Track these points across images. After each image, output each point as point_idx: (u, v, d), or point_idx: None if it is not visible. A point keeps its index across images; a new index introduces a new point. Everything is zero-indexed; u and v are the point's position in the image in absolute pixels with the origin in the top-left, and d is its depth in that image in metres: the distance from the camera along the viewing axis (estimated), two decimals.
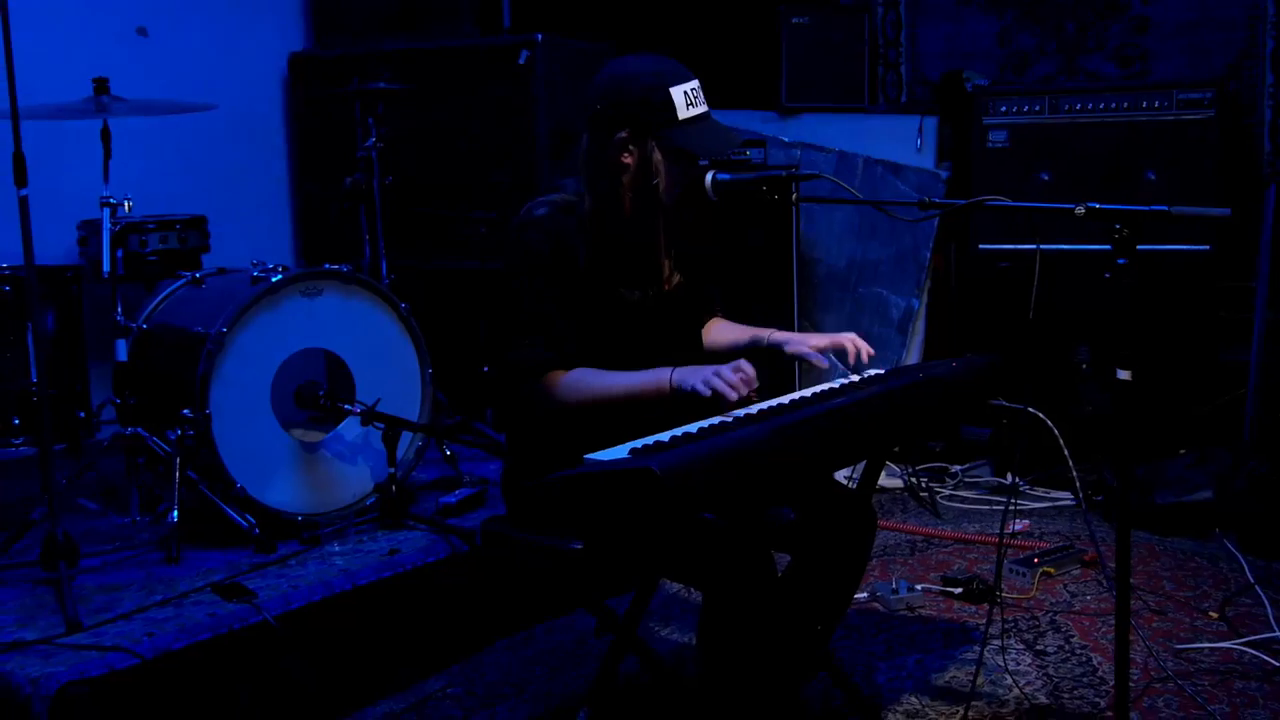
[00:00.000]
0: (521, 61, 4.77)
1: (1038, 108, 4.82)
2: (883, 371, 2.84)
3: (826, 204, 5.08)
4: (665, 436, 2.28)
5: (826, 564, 2.74)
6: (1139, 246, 2.10)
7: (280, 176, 5.37)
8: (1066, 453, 2.88)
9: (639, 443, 2.26)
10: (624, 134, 2.56)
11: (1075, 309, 4.90)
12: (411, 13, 5.07)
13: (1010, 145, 4.88)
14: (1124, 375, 2.20)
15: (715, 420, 2.39)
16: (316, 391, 3.61)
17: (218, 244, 4.41)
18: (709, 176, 2.63)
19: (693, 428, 2.34)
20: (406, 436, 3.76)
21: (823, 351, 2.77)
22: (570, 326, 2.56)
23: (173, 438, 3.47)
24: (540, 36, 4.79)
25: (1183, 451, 4.70)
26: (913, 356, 5.24)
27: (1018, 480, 4.93)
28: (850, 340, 2.75)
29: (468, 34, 5.02)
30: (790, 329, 5.02)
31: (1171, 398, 4.86)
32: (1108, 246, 4.65)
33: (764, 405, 2.47)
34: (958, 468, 5.13)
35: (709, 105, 2.68)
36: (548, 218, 2.58)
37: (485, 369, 4.59)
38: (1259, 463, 4.24)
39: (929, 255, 5.14)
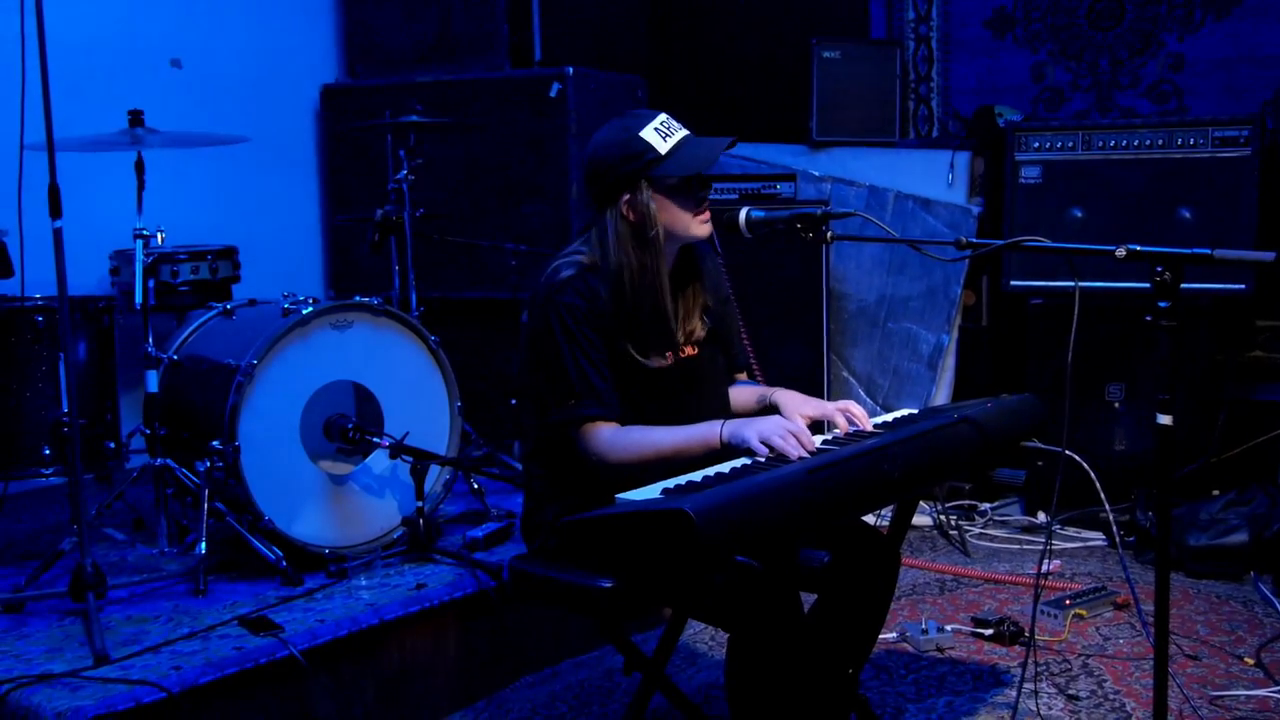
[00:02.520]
0: (553, 94, 4.78)
1: (1071, 144, 4.79)
2: (915, 411, 2.81)
3: (859, 241, 5.05)
4: (698, 476, 2.27)
5: (853, 605, 2.71)
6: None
7: (311, 207, 5.40)
8: (1103, 495, 2.84)
9: (671, 482, 2.25)
10: (627, 196, 2.59)
11: (1108, 347, 4.86)
12: (444, 45, 5.10)
13: (1043, 181, 4.84)
14: (1164, 420, 2.17)
15: (748, 460, 2.37)
16: (345, 424, 3.60)
17: (248, 274, 4.43)
18: (743, 213, 2.64)
19: (725, 468, 2.33)
20: (434, 469, 3.74)
21: (813, 421, 2.70)
22: (613, 384, 2.56)
23: (201, 469, 3.47)
24: (571, 70, 4.81)
25: (1216, 493, 4.64)
26: (942, 392, 5.20)
27: (1049, 520, 4.88)
28: (840, 413, 2.66)
29: (499, 66, 5.03)
30: (820, 363, 5.04)
31: (1204, 438, 4.81)
32: (1143, 284, 4.61)
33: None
34: (987, 506, 5.08)
35: (739, 137, 2.70)
36: (578, 279, 2.60)
37: (513, 401, 4.58)
38: None
39: (959, 291, 5.11)
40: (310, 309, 3.52)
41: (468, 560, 3.55)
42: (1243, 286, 4.54)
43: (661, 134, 2.58)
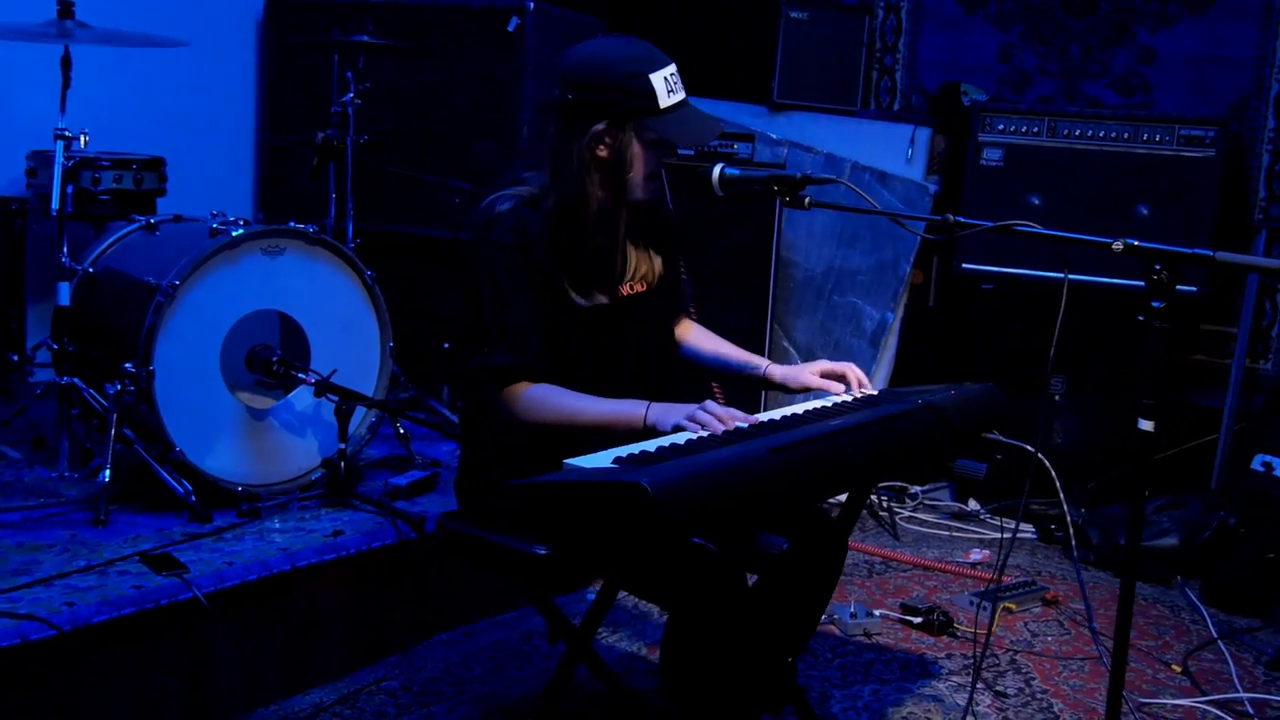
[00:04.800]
0: (511, 28, 4.57)
1: (1036, 129, 4.70)
2: (875, 392, 2.68)
3: (824, 209, 4.92)
4: (651, 446, 2.12)
5: (797, 591, 2.60)
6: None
7: (246, 124, 5.13)
8: (1063, 495, 2.75)
9: (622, 450, 2.10)
10: (601, 126, 2.39)
11: (1051, 337, 4.78)
12: None
13: (1004, 165, 4.75)
14: (1146, 426, 2.06)
15: (704, 433, 2.23)
16: (270, 357, 3.40)
17: (174, 189, 4.18)
18: (716, 170, 2.48)
19: (680, 439, 2.19)
20: (360, 411, 3.56)
21: (824, 374, 2.61)
22: (539, 335, 2.40)
23: (111, 392, 3.24)
24: (532, 4, 4.59)
25: (1146, 493, 4.61)
26: (883, 371, 5.11)
27: (979, 509, 4.83)
28: (852, 370, 2.61)
29: None
30: (762, 330, 4.92)
31: (1141, 438, 4.76)
32: (1091, 278, 4.56)
33: (755, 420, 2.32)
34: (918, 489, 5.01)
35: (694, 93, 2.53)
36: (512, 213, 2.41)
37: (445, 345, 4.39)
38: (1229, 513, 4.15)
39: (908, 269, 5.01)
40: (241, 231, 3.30)
41: (389, 509, 3.38)
42: (1194, 289, 4.49)
43: (668, 86, 2.39)
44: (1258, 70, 4.81)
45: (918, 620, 3.69)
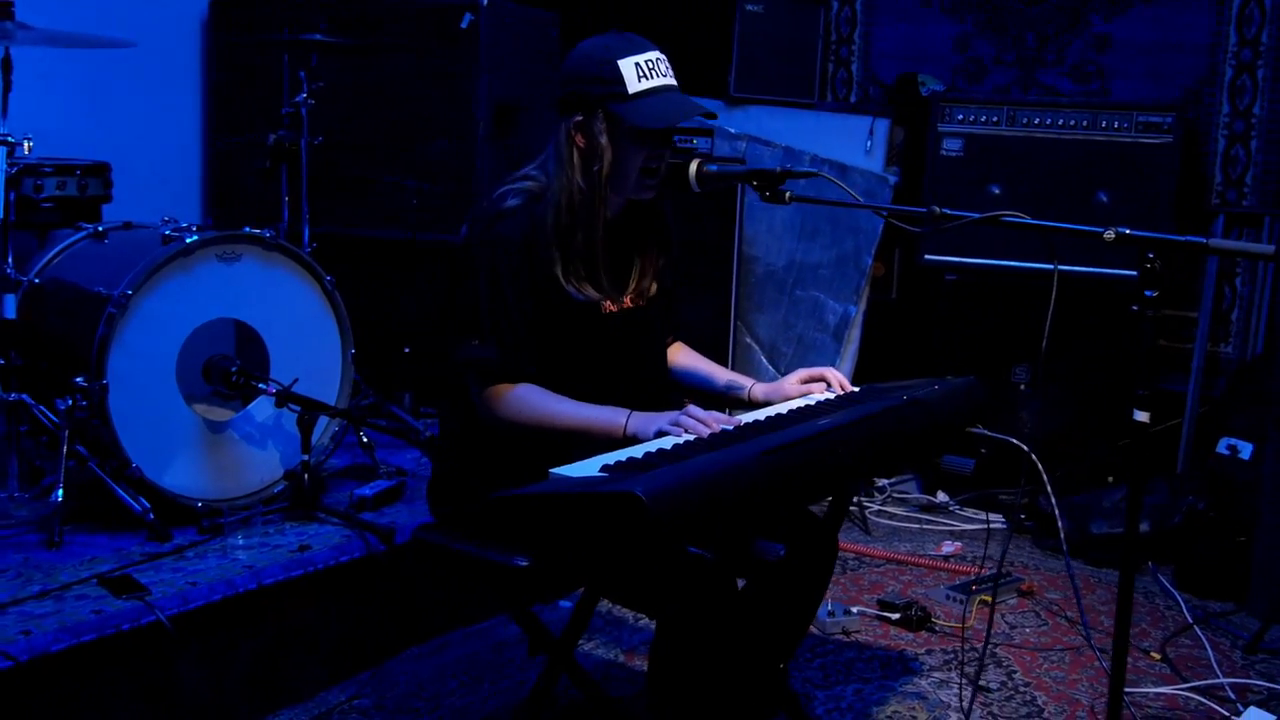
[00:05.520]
0: (464, 25, 4.47)
1: (995, 118, 4.67)
2: (857, 389, 2.63)
3: (791, 204, 4.88)
4: (638, 453, 2.06)
5: (788, 595, 2.54)
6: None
7: (191, 126, 4.98)
8: (1050, 489, 2.71)
9: (609, 458, 2.03)
10: (579, 117, 2.37)
11: (1014, 328, 4.77)
12: None
13: (964, 154, 4.72)
14: (1141, 417, 2.02)
15: (690, 437, 2.16)
16: (229, 367, 3.28)
17: (120, 195, 4.04)
18: (694, 165, 2.42)
19: (666, 444, 2.12)
20: (322, 420, 3.46)
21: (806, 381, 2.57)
22: (531, 335, 2.33)
23: (62, 407, 3.12)
24: (485, 0, 4.50)
25: (1110, 479, 4.62)
26: (847, 364, 5.07)
27: (948, 501, 4.80)
28: (831, 373, 2.58)
29: None
30: (725, 327, 4.86)
31: (1104, 425, 4.77)
32: (1050, 265, 4.56)
33: (740, 422, 2.26)
34: (885, 482, 4.98)
35: None
36: (521, 209, 2.36)
37: (406, 349, 4.30)
38: (1197, 498, 4.15)
39: (870, 262, 4.97)
40: (195, 237, 3.19)
41: (356, 521, 3.28)
42: None
43: (640, 71, 2.34)
44: (1212, 56, 4.82)
45: (895, 616, 3.65)
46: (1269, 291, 4.70)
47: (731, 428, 2.20)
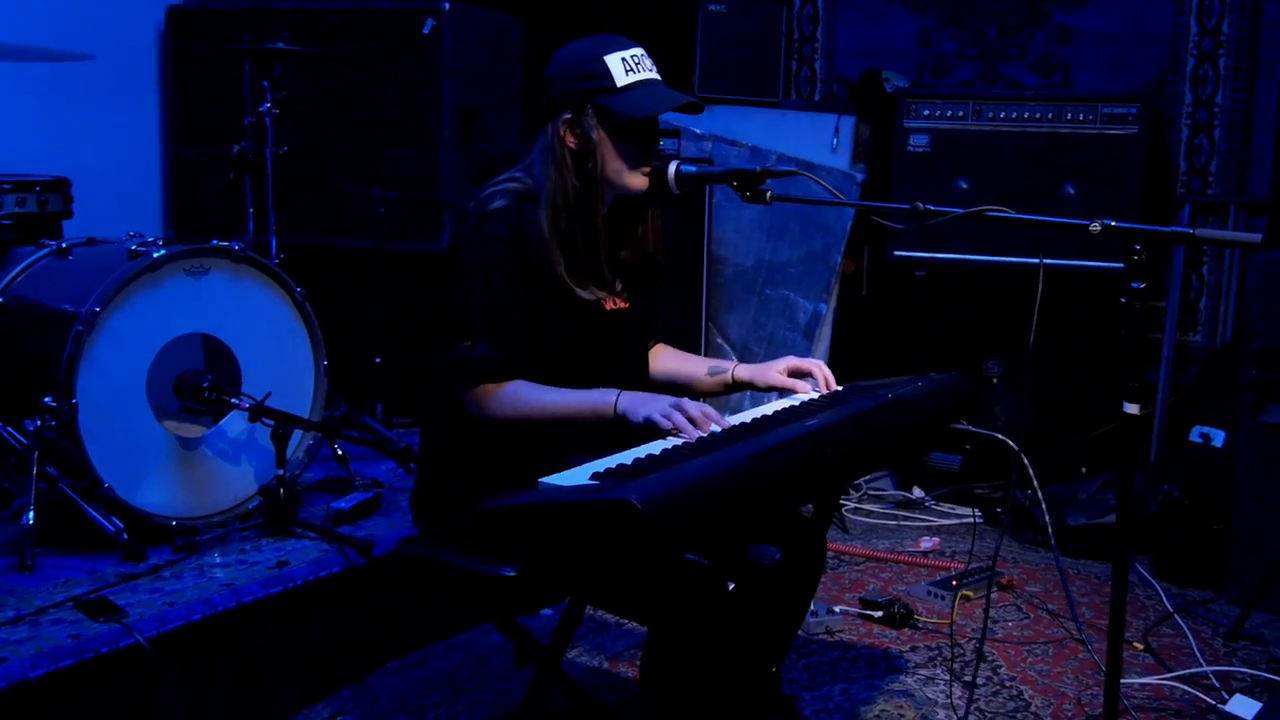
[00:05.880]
0: (426, 31, 4.43)
1: (961, 113, 4.69)
2: (840, 388, 2.61)
3: (772, 204, 4.88)
4: (627, 459, 2.03)
5: (778, 597, 2.53)
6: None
7: (151, 139, 4.92)
8: (1036, 484, 2.71)
9: (599, 465, 2.00)
10: (568, 115, 2.37)
11: (985, 322, 4.79)
12: None
13: (931, 150, 4.73)
14: (1131, 409, 2.02)
15: (676, 441, 2.14)
16: (201, 382, 3.23)
17: (81, 210, 3.98)
18: (672, 167, 2.40)
19: (654, 448, 2.10)
20: (297, 434, 3.41)
21: (794, 376, 2.56)
22: (522, 335, 2.31)
23: (30, 428, 3.05)
24: (447, 5, 4.46)
25: (1084, 470, 4.63)
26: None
27: (924, 496, 4.81)
28: (818, 367, 2.56)
29: None
30: (697, 329, 4.85)
31: (1076, 416, 4.79)
32: (1025, 259, 4.56)
33: (727, 424, 2.23)
34: (860, 479, 4.98)
35: None
36: (509, 209, 2.34)
37: (378, 360, 4.25)
38: (1172, 487, 4.16)
39: (839, 259, 4.97)
40: (163, 252, 3.13)
41: (334, 535, 3.24)
42: (1121, 265, 4.50)
43: (626, 66, 2.35)
44: (1173, 46, 4.85)
45: (878, 614, 3.64)
46: (1236, 280, 4.74)
47: (720, 429, 2.18)
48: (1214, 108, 4.79)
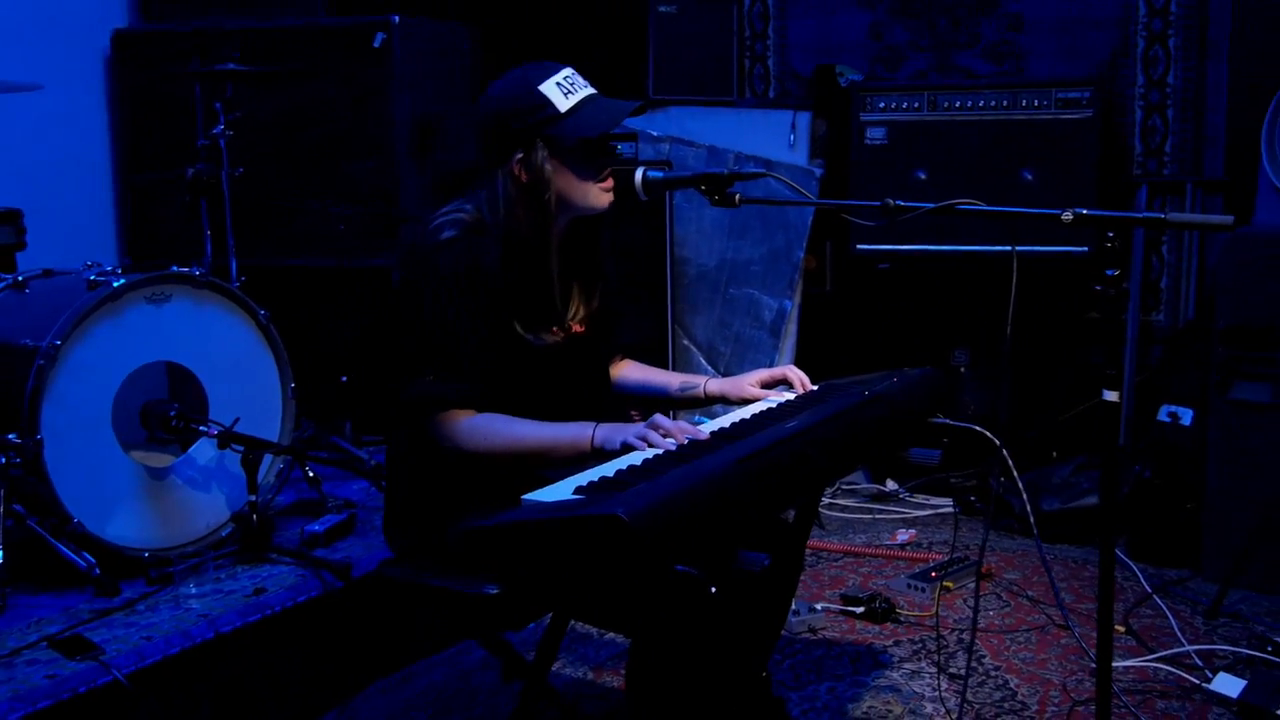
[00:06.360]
0: (377, 44, 4.39)
1: (916, 104, 4.69)
2: (815, 387, 2.61)
3: (735, 205, 4.87)
4: (609, 471, 2.01)
5: (761, 601, 2.52)
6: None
7: (102, 166, 4.84)
8: (1016, 475, 2.71)
9: (581, 479, 1.98)
10: (519, 155, 2.32)
11: (952, 311, 4.80)
12: None
13: (888, 142, 4.73)
14: (1111, 396, 2.02)
15: (658, 450, 2.12)
16: (168, 411, 3.19)
17: (33, 241, 3.91)
18: (639, 174, 2.38)
19: (636, 459, 2.08)
20: (267, 458, 3.37)
21: (770, 387, 2.55)
22: (483, 362, 2.28)
23: None
24: (397, 18, 4.42)
25: (1055, 454, 4.65)
26: (786, 359, 5.05)
27: (898, 489, 4.81)
28: (793, 372, 2.56)
29: (314, 11, 4.62)
30: (663, 332, 4.83)
31: (1045, 401, 4.81)
32: (988, 247, 4.57)
33: (707, 431, 2.22)
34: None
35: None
36: (459, 240, 2.30)
37: (344, 378, 4.21)
38: (1143, 467, 4.19)
39: (802, 255, 4.96)
40: (122, 281, 3.09)
41: (310, 559, 3.20)
42: (1085, 249, 4.52)
43: (564, 89, 2.32)
44: (1123, 29, 4.87)
45: (860, 610, 3.64)
46: (1197, 259, 4.77)
47: (698, 438, 2.17)
48: (1166, 88, 4.82)
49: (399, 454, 2.55)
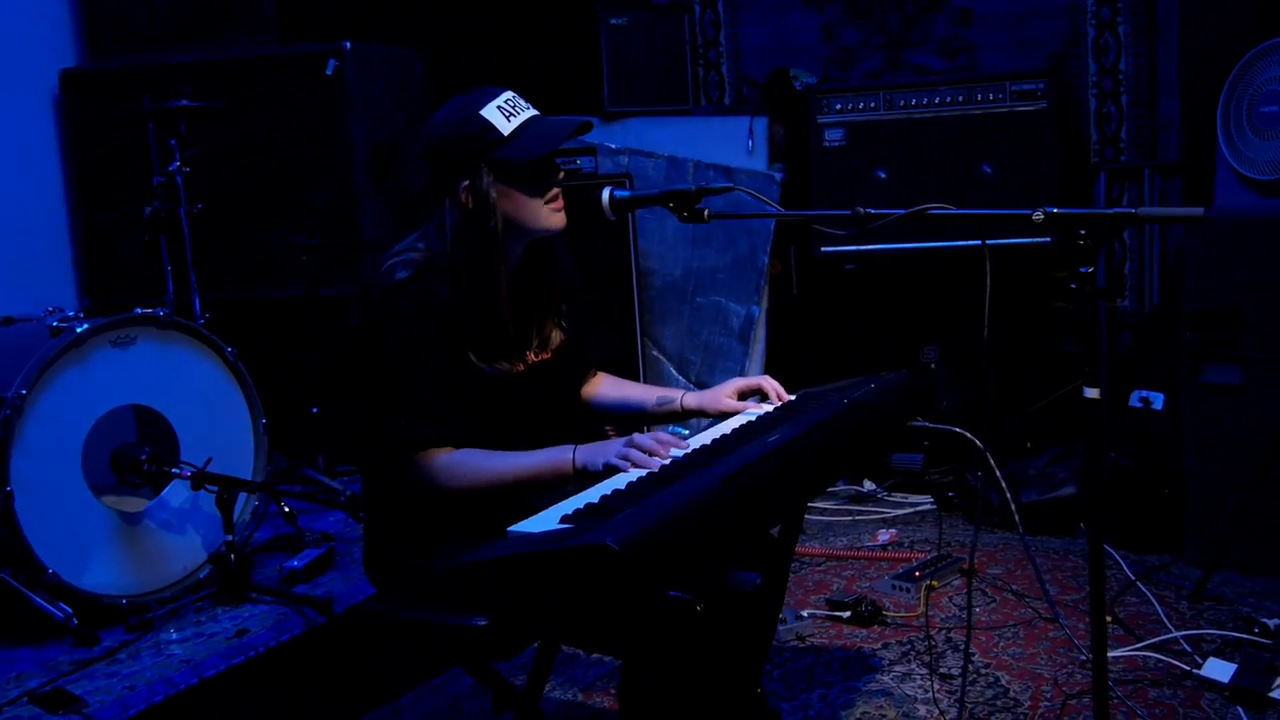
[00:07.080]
0: (329, 72, 4.35)
1: (873, 104, 4.70)
2: (793, 397, 2.59)
3: (705, 221, 4.86)
4: (594, 497, 1.99)
5: (750, 616, 2.50)
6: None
7: (57, 208, 4.77)
8: (999, 473, 2.71)
9: (566, 506, 1.96)
10: (465, 183, 2.31)
11: (921, 309, 4.80)
12: (199, 22, 4.58)
13: (846, 144, 4.74)
14: (1092, 394, 2.02)
15: (641, 473, 2.10)
16: (139, 455, 3.15)
17: None
18: (605, 193, 2.36)
19: (619, 483, 2.06)
20: (242, 496, 3.33)
21: (746, 397, 2.54)
22: (452, 399, 2.27)
23: None
24: (349, 44, 4.39)
25: (1029, 445, 4.67)
26: (755, 365, 5.05)
27: (876, 489, 4.81)
28: (768, 382, 2.56)
29: (267, 42, 4.57)
30: (631, 345, 4.82)
31: (1015, 391, 4.83)
32: (951, 243, 4.57)
33: (688, 448, 2.20)
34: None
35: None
36: (414, 281, 2.28)
37: (314, 410, 4.17)
38: (1118, 455, 4.20)
39: (767, 260, 4.96)
40: (85, 326, 3.05)
41: (291, 597, 3.16)
42: (1048, 240, 4.54)
43: (505, 113, 2.31)
44: (1073, 19, 4.90)
45: (846, 614, 3.63)
46: (1159, 243, 4.80)
47: (681, 453, 2.15)
48: (1118, 75, 4.85)
49: (375, 489, 2.52)
